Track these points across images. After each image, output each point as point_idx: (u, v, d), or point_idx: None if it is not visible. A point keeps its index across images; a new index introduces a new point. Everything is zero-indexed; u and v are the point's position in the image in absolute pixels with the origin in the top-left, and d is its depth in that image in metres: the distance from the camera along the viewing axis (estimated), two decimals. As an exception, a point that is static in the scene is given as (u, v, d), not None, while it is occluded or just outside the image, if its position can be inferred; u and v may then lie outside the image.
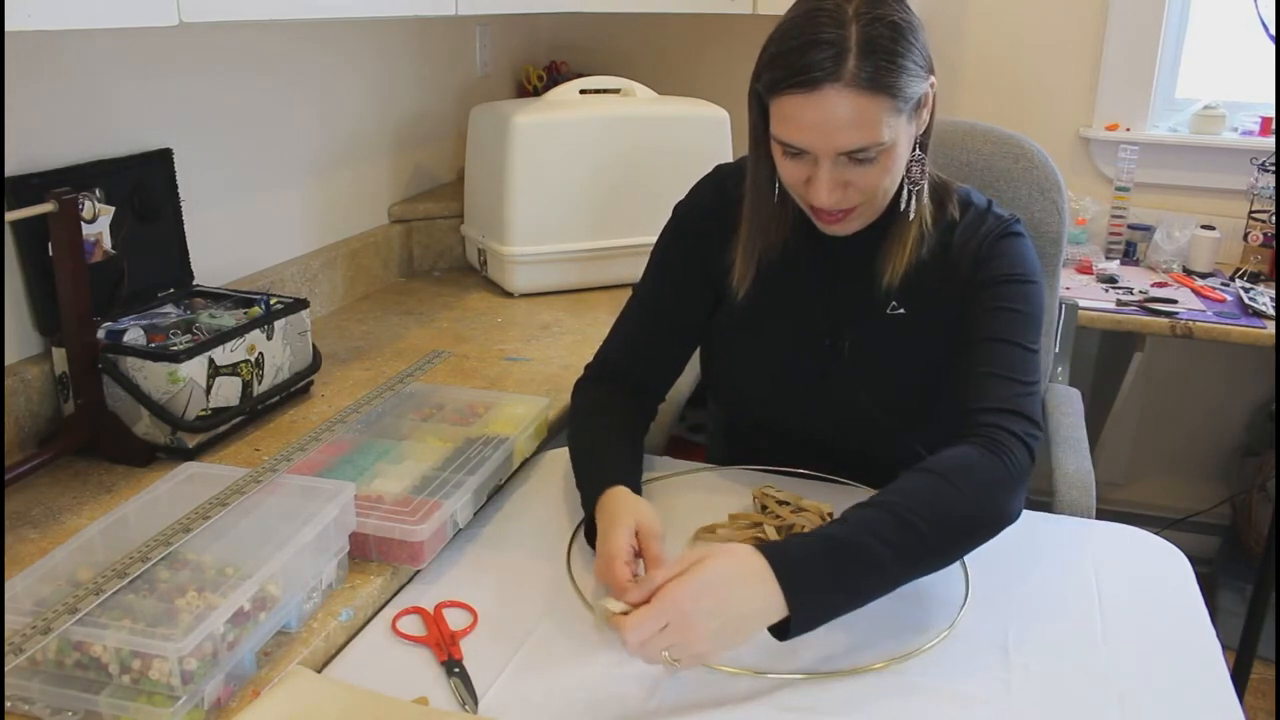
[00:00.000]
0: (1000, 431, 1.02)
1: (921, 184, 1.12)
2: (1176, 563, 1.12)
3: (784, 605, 0.87)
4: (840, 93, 0.98)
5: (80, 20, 0.86)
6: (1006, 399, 1.05)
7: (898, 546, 0.91)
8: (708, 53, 2.66)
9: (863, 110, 0.99)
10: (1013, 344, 1.09)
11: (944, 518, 0.94)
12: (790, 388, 1.23)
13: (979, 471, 0.98)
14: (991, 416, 1.03)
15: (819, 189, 1.05)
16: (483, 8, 1.56)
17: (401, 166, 2.07)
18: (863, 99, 0.98)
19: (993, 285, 1.12)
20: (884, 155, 1.03)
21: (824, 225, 1.13)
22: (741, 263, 1.19)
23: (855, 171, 1.04)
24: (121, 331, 1.25)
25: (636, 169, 1.88)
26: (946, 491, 0.96)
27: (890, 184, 1.08)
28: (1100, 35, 2.41)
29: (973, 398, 1.06)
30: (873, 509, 0.94)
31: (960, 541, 0.97)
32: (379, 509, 1.04)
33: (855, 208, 1.09)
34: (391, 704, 0.85)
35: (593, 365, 1.29)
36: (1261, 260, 2.29)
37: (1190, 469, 2.66)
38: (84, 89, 1.30)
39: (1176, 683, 0.92)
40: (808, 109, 1.00)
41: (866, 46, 0.98)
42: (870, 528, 0.92)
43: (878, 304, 1.18)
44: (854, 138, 1.00)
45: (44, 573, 0.87)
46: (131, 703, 0.79)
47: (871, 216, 1.13)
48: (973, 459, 1.00)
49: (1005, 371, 1.07)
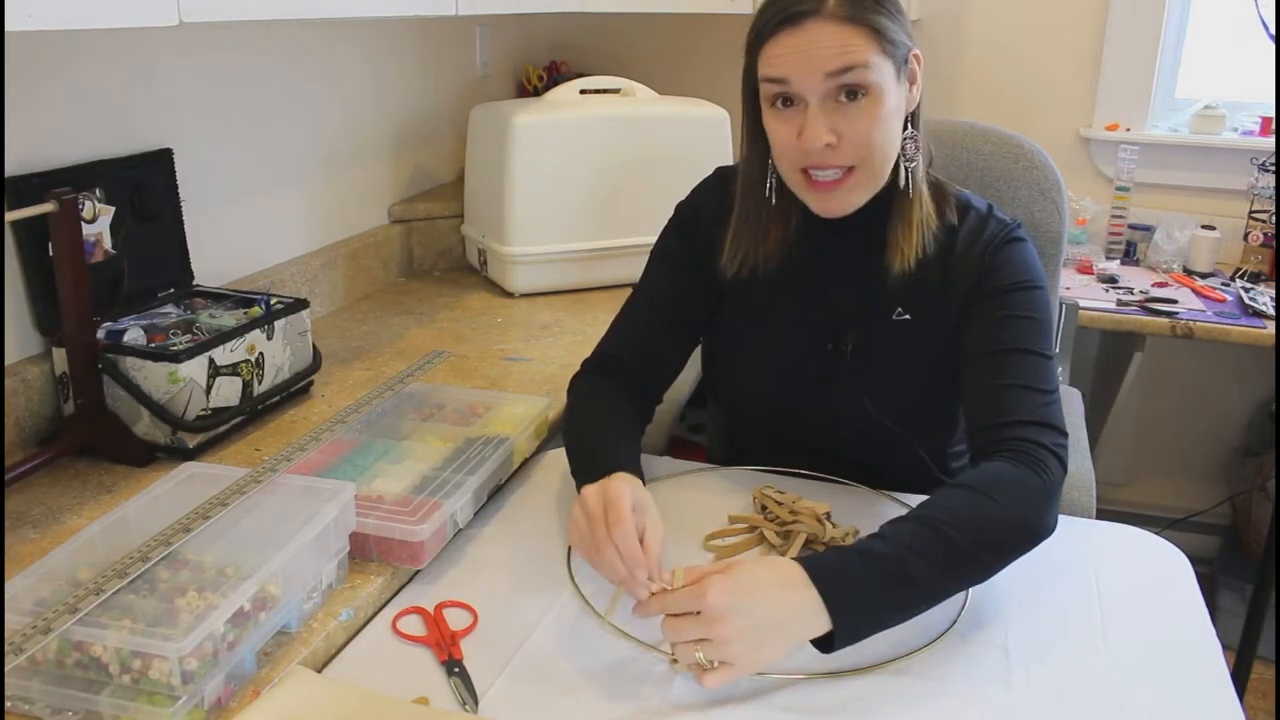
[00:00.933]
0: (1032, 445, 1.02)
1: (916, 160, 1.12)
2: (1176, 563, 1.12)
3: (825, 616, 0.87)
4: (822, 24, 1.03)
5: (80, 20, 0.86)
6: (1033, 411, 1.05)
7: (938, 561, 0.91)
8: (708, 53, 2.66)
9: (845, 37, 1.03)
10: (1030, 353, 1.09)
11: (983, 532, 0.95)
12: (792, 390, 1.23)
13: (1016, 486, 0.99)
14: (1021, 430, 1.04)
15: (809, 131, 1.05)
16: (483, 8, 1.56)
17: (401, 166, 2.07)
18: (844, 28, 1.03)
19: (1003, 294, 1.12)
20: (872, 98, 1.05)
21: (821, 201, 1.11)
22: (730, 249, 1.19)
23: (844, 115, 1.05)
24: (121, 331, 1.25)
25: (636, 169, 1.88)
26: (985, 506, 0.96)
27: (882, 141, 1.07)
28: (1100, 35, 2.42)
29: (999, 412, 1.06)
30: (911, 523, 0.94)
31: (1000, 555, 0.97)
32: (379, 509, 1.04)
33: (850, 172, 1.08)
34: (391, 704, 0.85)
35: (590, 361, 1.28)
36: (1261, 260, 2.29)
37: (1190, 469, 2.66)
38: (84, 89, 1.30)
39: (1176, 683, 0.92)
40: (791, 40, 1.04)
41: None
42: (909, 542, 0.92)
43: (882, 308, 1.18)
44: (836, 59, 1.03)
45: (44, 573, 0.87)
46: (132, 703, 0.79)
47: (867, 186, 1.10)
48: (1009, 473, 1.00)
49: (1028, 382, 1.07)
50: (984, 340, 1.12)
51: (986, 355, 1.11)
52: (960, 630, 0.97)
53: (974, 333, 1.13)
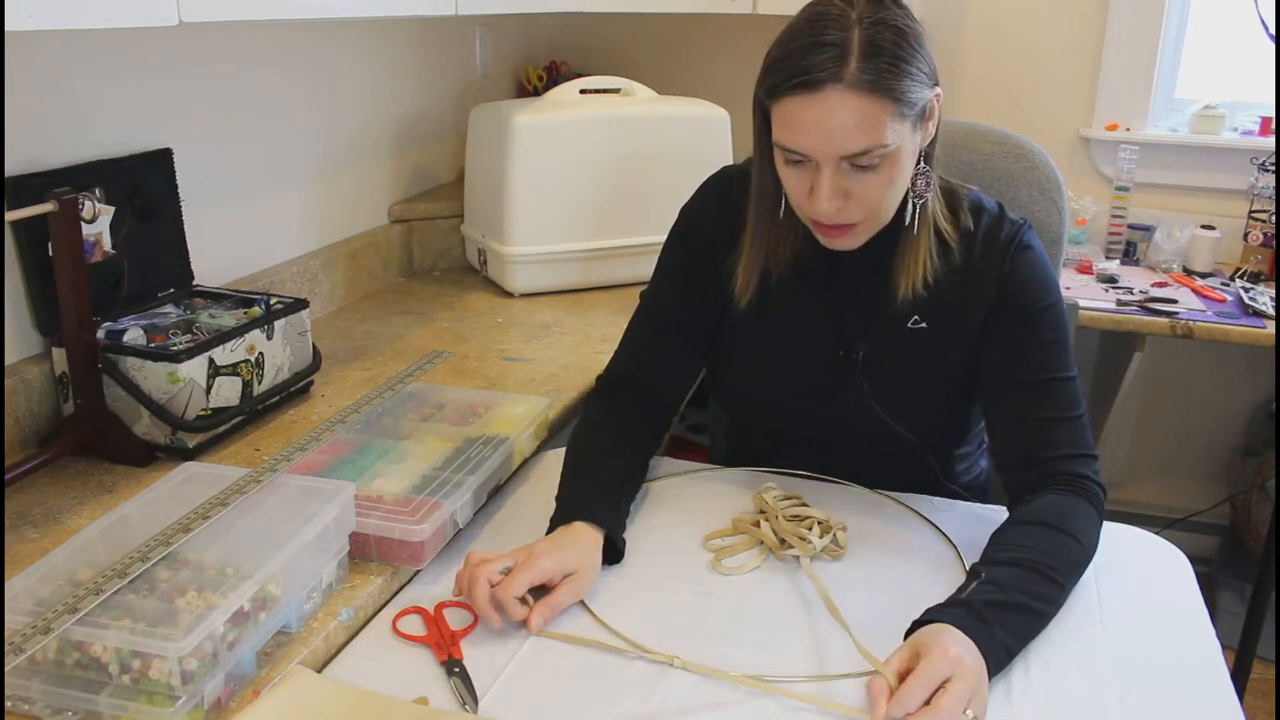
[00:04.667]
0: (1079, 478, 1.09)
1: (926, 196, 1.10)
2: (1176, 563, 1.12)
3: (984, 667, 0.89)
4: (842, 94, 0.97)
5: (80, 20, 0.86)
6: (1072, 443, 1.11)
7: (1048, 599, 0.98)
8: (708, 53, 2.66)
9: (864, 112, 0.98)
10: (1059, 379, 1.12)
11: (1069, 565, 1.02)
12: (800, 395, 1.23)
13: (1080, 518, 1.05)
14: (1065, 465, 1.10)
15: (818, 196, 1.04)
16: (483, 8, 1.56)
17: (401, 166, 2.07)
18: (864, 100, 0.98)
19: (1028, 319, 1.13)
20: (887, 163, 1.02)
21: (826, 240, 1.11)
22: (744, 274, 1.17)
23: (857, 180, 1.03)
24: (121, 331, 1.25)
25: (637, 169, 1.88)
26: (1065, 541, 1.02)
27: (894, 197, 1.07)
28: (1100, 35, 2.41)
29: (1040, 447, 1.12)
30: (1014, 569, 0.98)
31: (1077, 581, 1.04)
32: (379, 509, 1.04)
33: (856, 224, 1.08)
34: (391, 704, 0.85)
35: (605, 378, 1.28)
36: (1261, 260, 2.28)
37: (1190, 469, 2.66)
38: (84, 89, 1.30)
39: (1176, 683, 0.92)
40: (809, 110, 0.99)
41: (869, 49, 0.97)
42: (1023, 588, 0.96)
43: (898, 317, 1.17)
44: (855, 140, 0.99)
45: (44, 573, 0.87)
46: (131, 703, 0.79)
47: (872, 230, 1.11)
48: (1070, 506, 1.07)
49: (1062, 413, 1.12)
50: (1012, 369, 1.13)
51: (1018, 387, 1.13)
52: (960, 630, 0.97)
53: (1001, 359, 1.14)
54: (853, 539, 1.12)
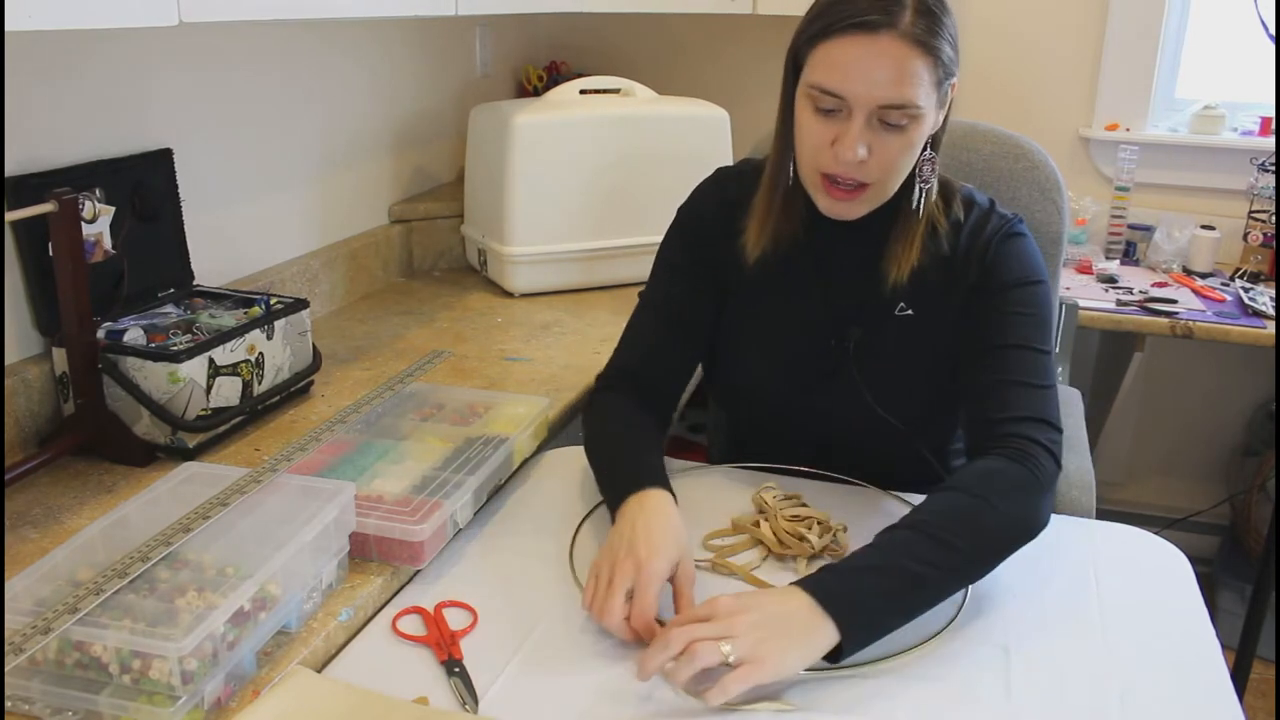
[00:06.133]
0: (1026, 441, 1.04)
1: (931, 182, 1.12)
2: (1176, 563, 1.12)
3: (830, 623, 0.88)
4: (894, 41, 1.00)
5: (80, 20, 0.86)
6: (1028, 407, 1.07)
7: (937, 564, 0.93)
8: (708, 53, 2.66)
9: (910, 65, 1.01)
10: (1026, 348, 1.10)
11: (979, 534, 0.97)
12: (794, 386, 1.23)
13: (1006, 481, 1.01)
14: (1014, 426, 1.05)
15: (845, 144, 1.04)
16: (483, 8, 1.56)
17: (401, 166, 2.07)
18: (913, 53, 1.00)
19: (1002, 290, 1.13)
20: (912, 126, 1.04)
21: (831, 204, 1.11)
22: (755, 231, 1.17)
23: (880, 138, 1.04)
24: (121, 331, 1.25)
25: (636, 169, 1.88)
26: (976, 505, 0.98)
27: (904, 167, 1.08)
28: (1100, 35, 2.42)
29: (993, 408, 1.08)
30: (905, 530, 0.95)
31: (996, 555, 0.99)
32: (379, 509, 1.04)
33: (864, 186, 1.09)
34: (391, 704, 0.85)
35: (606, 375, 1.28)
36: (1261, 260, 2.29)
37: (1190, 469, 2.66)
38: (84, 89, 1.30)
39: (1176, 683, 0.92)
40: (859, 51, 1.01)
41: (922, 6, 1.01)
42: (904, 549, 0.93)
43: (885, 304, 1.18)
44: (897, 91, 1.01)
45: (44, 573, 0.87)
46: (132, 703, 0.79)
47: (876, 201, 1.12)
48: (999, 469, 1.02)
49: (1022, 378, 1.08)
50: (982, 336, 1.13)
51: (984, 351, 1.12)
52: (960, 629, 0.97)
53: (973, 329, 1.14)
54: (853, 538, 1.12)
